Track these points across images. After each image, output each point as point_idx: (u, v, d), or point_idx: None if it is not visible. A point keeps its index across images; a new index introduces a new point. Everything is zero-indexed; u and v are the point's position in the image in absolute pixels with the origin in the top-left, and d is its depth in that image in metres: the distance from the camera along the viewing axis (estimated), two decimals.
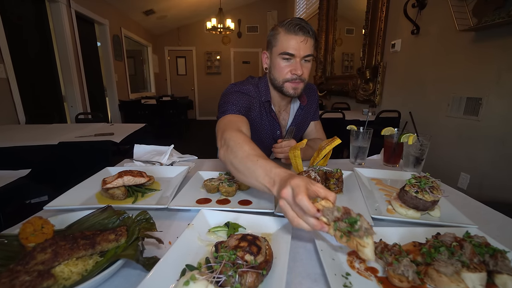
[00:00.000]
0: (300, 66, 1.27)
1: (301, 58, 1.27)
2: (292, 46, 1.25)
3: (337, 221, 0.63)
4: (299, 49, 1.25)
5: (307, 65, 1.32)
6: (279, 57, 1.29)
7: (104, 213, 0.78)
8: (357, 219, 0.62)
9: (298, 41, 1.24)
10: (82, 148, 2.17)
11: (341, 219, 0.63)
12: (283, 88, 1.34)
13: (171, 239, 0.77)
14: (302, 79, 1.32)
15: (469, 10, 2.48)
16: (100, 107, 6.45)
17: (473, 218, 0.85)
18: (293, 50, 1.25)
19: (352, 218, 0.62)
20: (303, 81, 1.34)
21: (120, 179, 1.00)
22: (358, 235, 0.61)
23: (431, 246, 0.65)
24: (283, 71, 1.30)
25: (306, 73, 1.32)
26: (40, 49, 4.55)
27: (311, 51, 1.28)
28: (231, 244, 0.64)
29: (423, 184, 0.89)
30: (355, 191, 1.08)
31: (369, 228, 0.62)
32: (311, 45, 1.27)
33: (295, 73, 1.28)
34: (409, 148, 1.35)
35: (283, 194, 0.66)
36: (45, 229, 0.66)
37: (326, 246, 0.71)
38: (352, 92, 4.88)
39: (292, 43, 1.24)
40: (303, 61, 1.28)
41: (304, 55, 1.26)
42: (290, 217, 0.67)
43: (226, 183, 1.05)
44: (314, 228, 0.64)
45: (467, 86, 2.67)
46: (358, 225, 0.61)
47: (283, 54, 1.27)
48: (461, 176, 2.76)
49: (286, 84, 1.33)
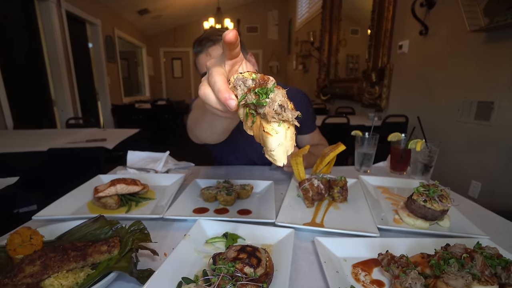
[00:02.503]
0: None
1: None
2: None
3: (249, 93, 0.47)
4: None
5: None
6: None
7: (96, 223, 0.79)
8: (271, 90, 0.46)
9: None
10: (73, 155, 2.18)
11: (254, 89, 0.47)
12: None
13: (167, 250, 0.77)
14: None
15: (480, 9, 2.50)
16: (92, 112, 6.48)
17: (484, 228, 0.86)
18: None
19: (264, 88, 0.46)
20: None
21: (113, 188, 1.01)
22: (264, 113, 0.46)
23: (440, 257, 0.65)
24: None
25: None
26: (29, 50, 4.58)
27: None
28: (230, 255, 0.64)
29: (432, 192, 0.89)
30: (360, 200, 1.08)
31: (287, 111, 0.46)
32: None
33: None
34: (417, 155, 1.36)
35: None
36: (34, 240, 0.67)
37: (330, 258, 0.72)
38: (357, 95, 4.90)
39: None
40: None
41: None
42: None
43: (224, 191, 1.06)
44: (218, 96, 0.48)
45: (478, 90, 2.69)
46: (269, 99, 0.46)
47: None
48: (472, 184, 2.77)
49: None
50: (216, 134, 0.91)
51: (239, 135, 1.50)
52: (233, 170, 1.54)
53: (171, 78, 11.40)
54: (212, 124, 0.85)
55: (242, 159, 1.65)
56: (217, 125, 0.83)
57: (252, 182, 1.20)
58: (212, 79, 0.50)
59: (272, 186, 1.18)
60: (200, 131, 0.96)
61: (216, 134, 0.91)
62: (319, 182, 1.05)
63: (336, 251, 0.75)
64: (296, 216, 0.96)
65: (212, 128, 0.87)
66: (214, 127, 0.86)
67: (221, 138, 0.97)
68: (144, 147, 2.18)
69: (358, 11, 5.41)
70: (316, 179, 1.06)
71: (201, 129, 0.94)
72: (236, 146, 1.60)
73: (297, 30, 8.80)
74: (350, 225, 0.90)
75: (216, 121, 0.80)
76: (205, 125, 0.89)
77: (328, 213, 0.99)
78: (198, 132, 1.00)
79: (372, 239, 0.78)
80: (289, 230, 0.81)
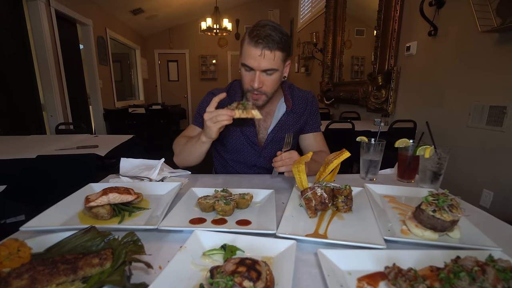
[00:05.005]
0: (259, 79, 1.37)
1: (260, 71, 1.36)
2: (250, 59, 1.34)
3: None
4: (257, 62, 1.33)
5: (270, 78, 1.40)
6: (242, 66, 1.40)
7: (87, 235, 0.79)
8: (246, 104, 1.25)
9: (256, 54, 1.32)
10: (63, 162, 2.18)
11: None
12: (247, 97, 1.50)
13: (162, 263, 0.77)
14: (263, 92, 1.43)
15: (492, 9, 2.50)
16: (83, 117, 6.50)
17: (496, 239, 0.86)
18: (250, 63, 1.35)
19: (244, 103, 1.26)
20: (265, 94, 1.44)
21: (105, 197, 1.01)
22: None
23: (450, 271, 0.65)
24: (244, 80, 1.43)
25: (268, 86, 1.41)
26: (16, 52, 4.60)
27: (272, 65, 1.35)
28: (228, 269, 0.64)
29: (442, 202, 0.89)
30: (366, 209, 1.09)
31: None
32: (272, 58, 1.33)
33: (252, 85, 1.38)
34: (426, 162, 1.36)
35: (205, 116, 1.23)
36: (22, 253, 0.67)
37: (334, 271, 0.72)
38: (363, 100, 4.92)
39: (251, 55, 1.33)
40: (264, 74, 1.37)
41: (263, 69, 1.35)
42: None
43: (223, 201, 1.06)
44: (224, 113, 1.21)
45: (490, 93, 2.70)
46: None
47: (243, 65, 1.39)
48: (484, 193, 2.77)
49: (248, 95, 1.47)
50: (195, 157, 1.46)
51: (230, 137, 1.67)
52: (231, 179, 1.55)
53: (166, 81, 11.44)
54: (193, 150, 1.42)
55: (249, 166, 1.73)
56: (196, 150, 1.41)
57: (252, 191, 1.20)
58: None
59: (273, 195, 1.19)
60: (184, 160, 1.54)
61: (195, 157, 1.46)
62: (323, 191, 1.05)
63: (340, 264, 0.75)
64: (298, 227, 0.96)
65: (193, 153, 1.44)
66: (194, 151, 1.43)
67: (199, 160, 1.50)
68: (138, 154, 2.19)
69: (363, 10, 5.44)
70: (319, 187, 1.06)
71: (185, 153, 1.49)
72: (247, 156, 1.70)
73: (299, 31, 8.85)
74: (355, 236, 0.90)
75: (197, 146, 1.38)
76: (190, 149, 1.45)
77: (332, 224, 0.99)
78: (184, 154, 1.52)
79: (378, 251, 0.78)
80: (291, 242, 0.81)
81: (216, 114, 1.21)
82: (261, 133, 1.65)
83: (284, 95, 1.65)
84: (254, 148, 1.64)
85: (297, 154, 1.33)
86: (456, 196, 0.94)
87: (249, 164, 1.69)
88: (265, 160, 1.66)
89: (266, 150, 1.65)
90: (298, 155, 1.32)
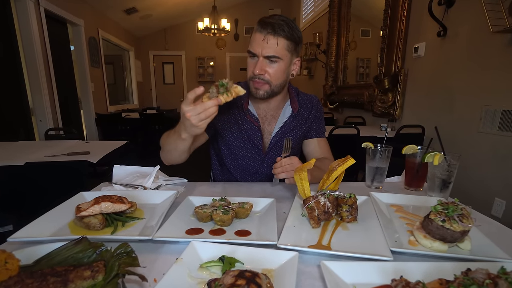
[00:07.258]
0: (261, 65, 1.40)
1: (263, 57, 1.40)
2: (253, 44, 1.40)
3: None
4: (260, 47, 1.38)
5: (273, 66, 1.43)
6: (248, 54, 1.46)
7: (78, 246, 0.79)
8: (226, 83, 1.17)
9: (260, 39, 1.38)
10: (53, 170, 2.18)
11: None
12: (250, 87, 1.51)
13: (157, 276, 0.77)
14: (266, 80, 1.44)
15: (504, 8, 2.52)
16: (74, 122, 6.51)
17: (509, 251, 0.86)
18: (253, 47, 1.40)
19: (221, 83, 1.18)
20: (269, 83, 1.46)
21: (97, 206, 1.01)
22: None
23: (461, 284, 0.65)
24: (248, 68, 1.48)
25: (271, 75, 1.44)
26: (4, 54, 4.62)
27: (275, 52, 1.39)
28: (227, 282, 0.64)
29: (451, 211, 0.90)
30: (372, 219, 1.09)
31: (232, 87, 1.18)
32: (275, 45, 1.38)
33: (254, 72, 1.42)
34: (434, 169, 1.37)
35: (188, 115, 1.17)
36: (9, 265, 0.67)
37: (338, 284, 0.72)
38: (368, 104, 4.92)
39: (255, 40, 1.40)
40: (267, 61, 1.41)
41: (265, 55, 1.39)
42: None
43: (221, 210, 1.06)
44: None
45: (503, 97, 2.71)
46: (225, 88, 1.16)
47: (248, 52, 1.44)
48: (496, 202, 2.77)
49: (251, 83, 1.49)
50: (177, 155, 1.48)
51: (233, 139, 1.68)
52: (230, 187, 1.55)
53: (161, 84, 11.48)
54: (173, 147, 1.43)
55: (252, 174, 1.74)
56: (177, 147, 1.41)
57: (252, 199, 1.20)
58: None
59: (274, 204, 1.19)
60: (166, 149, 1.52)
61: (177, 155, 1.49)
62: (326, 199, 1.06)
63: (345, 276, 0.75)
64: (300, 238, 0.96)
65: (173, 150, 1.46)
66: (175, 149, 1.44)
67: (182, 158, 1.53)
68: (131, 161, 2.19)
69: (369, 10, 5.47)
70: (322, 196, 1.07)
71: (166, 148, 1.51)
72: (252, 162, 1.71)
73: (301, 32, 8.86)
74: (360, 247, 0.90)
75: (179, 143, 1.37)
76: (170, 146, 1.46)
77: (336, 234, 1.00)
78: (165, 149, 1.54)
79: (384, 263, 0.79)
80: (293, 253, 0.81)
81: (202, 110, 1.15)
82: (265, 137, 1.67)
83: (291, 98, 1.67)
84: (258, 153, 1.65)
85: (298, 160, 1.34)
86: (467, 205, 0.95)
87: (251, 171, 1.70)
88: (268, 167, 1.66)
89: (269, 155, 1.66)
90: (299, 161, 1.33)
